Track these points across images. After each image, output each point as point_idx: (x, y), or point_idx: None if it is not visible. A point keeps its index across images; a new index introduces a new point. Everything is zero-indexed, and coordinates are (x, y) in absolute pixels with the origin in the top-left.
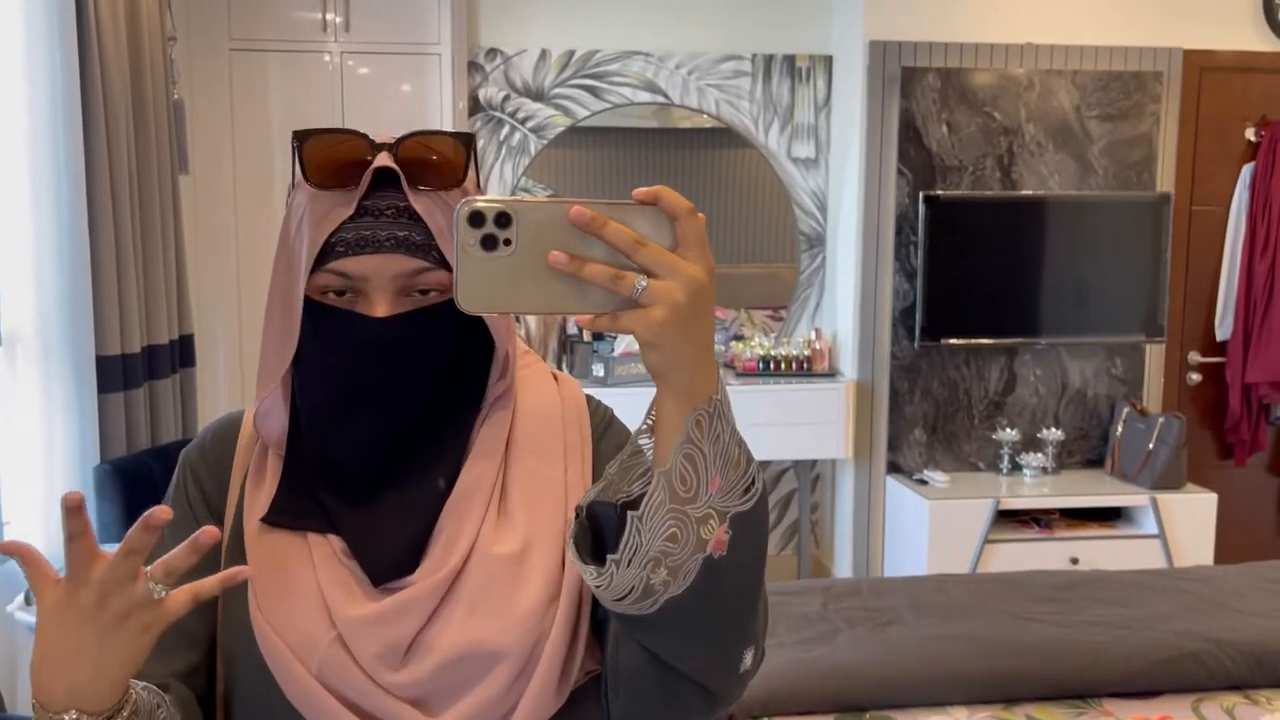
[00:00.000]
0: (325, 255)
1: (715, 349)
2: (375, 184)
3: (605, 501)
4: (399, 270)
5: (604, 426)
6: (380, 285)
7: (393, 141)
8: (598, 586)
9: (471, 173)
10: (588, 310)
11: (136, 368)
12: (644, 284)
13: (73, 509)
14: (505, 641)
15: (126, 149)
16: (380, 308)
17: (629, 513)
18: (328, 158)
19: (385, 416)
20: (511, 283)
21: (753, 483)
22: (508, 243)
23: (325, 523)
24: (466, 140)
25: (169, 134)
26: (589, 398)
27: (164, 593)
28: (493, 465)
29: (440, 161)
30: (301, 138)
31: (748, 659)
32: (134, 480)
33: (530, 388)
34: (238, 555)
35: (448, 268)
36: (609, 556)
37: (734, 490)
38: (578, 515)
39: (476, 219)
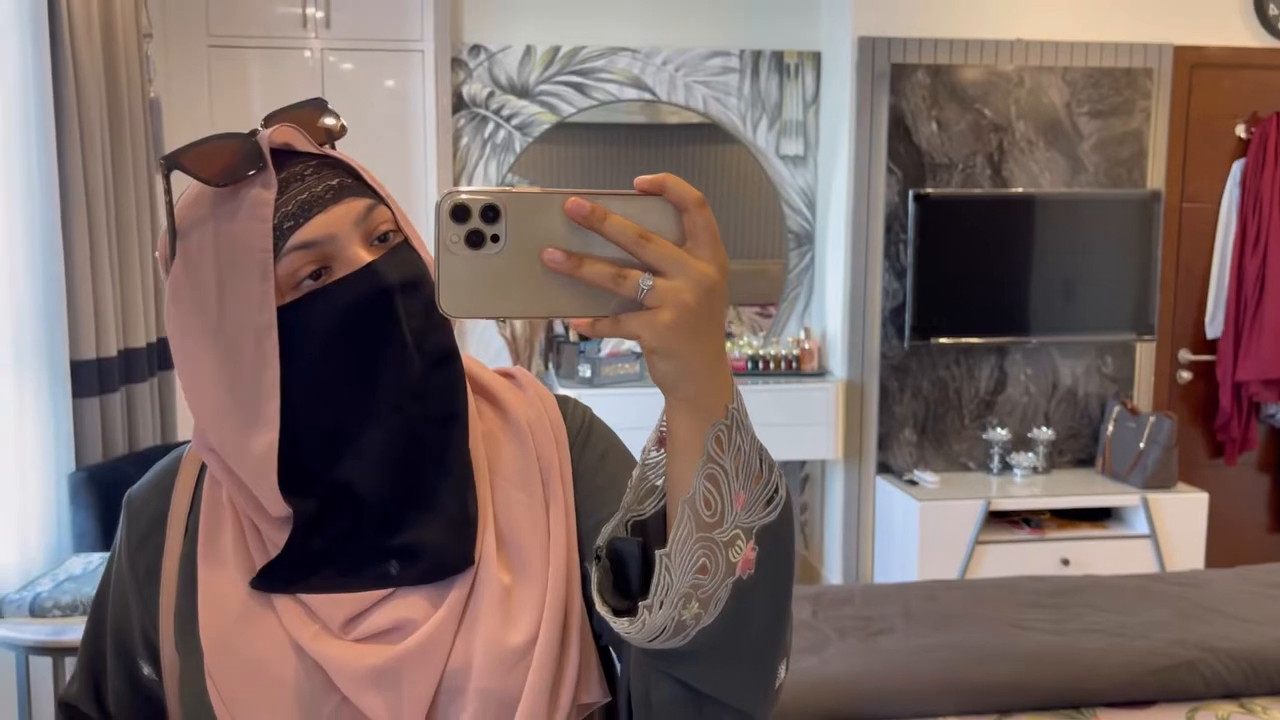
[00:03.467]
0: (279, 239)
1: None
2: (279, 166)
3: (622, 538)
4: (356, 214)
5: (583, 436)
6: (349, 235)
7: (262, 124)
8: (628, 633)
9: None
10: (586, 314)
11: (113, 371)
12: (649, 283)
13: None
14: (484, 684)
15: (101, 148)
16: (364, 256)
17: (658, 552)
18: (218, 157)
19: (412, 371)
20: (500, 284)
21: (776, 491)
22: (496, 239)
23: (333, 574)
24: (320, 100)
25: (145, 132)
26: (561, 399)
27: None
28: (485, 488)
29: (319, 120)
30: (173, 159)
31: (781, 671)
32: (109, 487)
33: (489, 397)
34: (187, 632)
35: (384, 202)
36: (640, 604)
37: (757, 503)
38: (598, 558)
39: (460, 213)
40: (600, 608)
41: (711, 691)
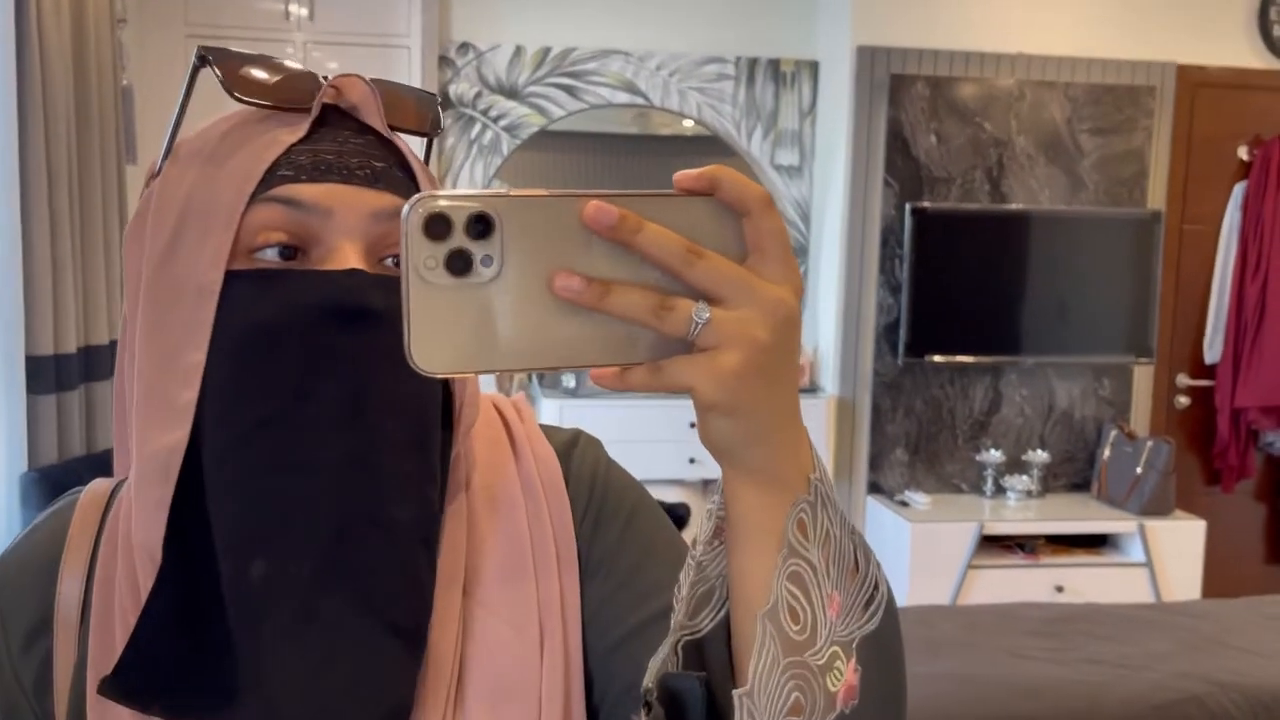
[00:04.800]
0: (264, 186)
1: None
2: (324, 122)
3: (677, 674)
4: (377, 207)
5: (596, 504)
6: (350, 226)
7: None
8: None
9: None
10: (615, 360)
11: (71, 369)
12: (705, 315)
13: None
14: None
15: (67, 135)
16: (351, 259)
17: (735, 693)
18: (260, 71)
19: (363, 438)
20: (495, 324)
21: (876, 587)
22: (488, 261)
23: (219, 690)
24: (434, 96)
25: (115, 121)
26: (562, 447)
27: None
28: (451, 624)
29: (412, 102)
30: (208, 51)
31: None
32: (63, 489)
33: (480, 469)
34: None
35: None
36: None
37: (856, 606)
38: (648, 705)
39: (438, 226)
40: None
41: None
